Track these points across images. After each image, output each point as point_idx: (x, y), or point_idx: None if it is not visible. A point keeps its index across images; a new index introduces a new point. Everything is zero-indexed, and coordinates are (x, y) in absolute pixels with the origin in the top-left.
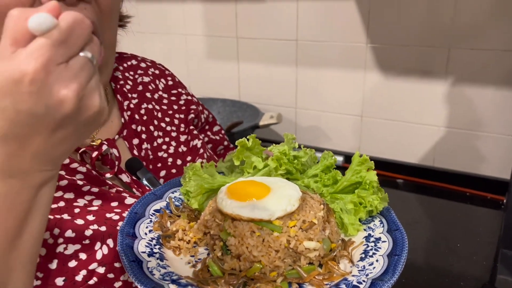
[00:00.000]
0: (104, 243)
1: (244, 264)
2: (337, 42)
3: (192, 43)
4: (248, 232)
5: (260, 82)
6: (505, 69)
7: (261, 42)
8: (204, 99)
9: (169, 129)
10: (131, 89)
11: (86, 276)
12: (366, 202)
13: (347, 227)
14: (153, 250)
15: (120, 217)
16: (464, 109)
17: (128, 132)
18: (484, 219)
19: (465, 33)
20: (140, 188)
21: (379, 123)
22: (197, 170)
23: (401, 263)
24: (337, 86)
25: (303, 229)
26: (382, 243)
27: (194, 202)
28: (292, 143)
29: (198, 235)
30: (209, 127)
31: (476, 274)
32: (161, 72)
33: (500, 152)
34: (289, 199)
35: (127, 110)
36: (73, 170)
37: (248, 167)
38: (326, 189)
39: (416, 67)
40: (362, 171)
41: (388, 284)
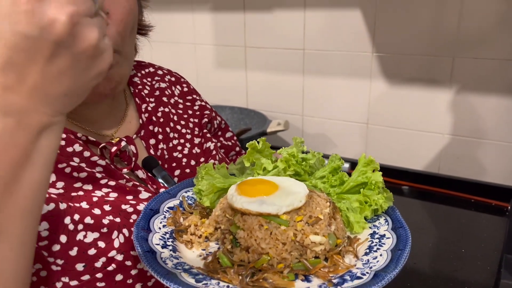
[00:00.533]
0: (120, 232)
1: (253, 256)
2: (343, 52)
3: (201, 52)
4: (257, 225)
5: (267, 90)
6: (508, 78)
7: (268, 51)
8: (212, 106)
9: (184, 131)
10: (148, 93)
11: (105, 263)
12: (372, 201)
13: (353, 225)
14: (166, 242)
15: (134, 210)
16: (469, 117)
17: (146, 133)
18: (488, 225)
19: (469, 42)
20: (155, 184)
21: (385, 131)
22: (210, 170)
23: (404, 256)
24: (343, 94)
25: (309, 224)
26: (386, 239)
27: (206, 200)
28: (301, 146)
29: (210, 230)
30: (221, 133)
31: (480, 279)
32: (177, 79)
33: (504, 159)
34: (296, 195)
35: (145, 112)
36: (93, 162)
37: (258, 168)
38: (333, 190)
39: (421, 75)
40: (368, 172)
41: (390, 275)
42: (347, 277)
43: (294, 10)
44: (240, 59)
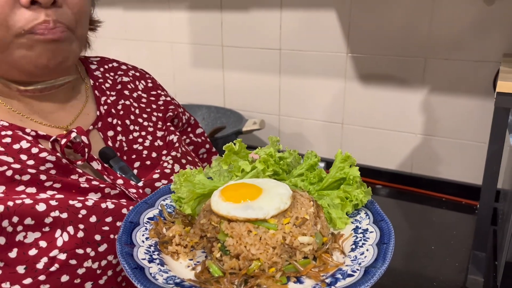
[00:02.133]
0: (64, 231)
1: (243, 263)
2: (319, 52)
3: (178, 50)
4: (245, 231)
5: (244, 89)
6: (479, 79)
7: (245, 50)
8: (189, 105)
9: (146, 124)
10: (110, 87)
11: (47, 264)
12: (352, 196)
13: (336, 221)
14: (152, 256)
15: (83, 205)
16: (440, 117)
17: (103, 125)
18: (458, 223)
19: (440, 44)
20: (111, 175)
21: (359, 131)
22: (188, 176)
23: (390, 251)
24: (318, 94)
25: (297, 225)
26: (370, 234)
27: (187, 207)
28: (277, 145)
29: (195, 239)
30: (191, 129)
31: (449, 275)
32: (142, 75)
33: (474, 159)
34: (281, 197)
35: (104, 104)
36: (42, 159)
37: (236, 170)
38: (312, 187)
39: (394, 76)
40: (345, 168)
41: (380, 271)
42: (339, 276)
43: (270, 10)
44: (217, 58)
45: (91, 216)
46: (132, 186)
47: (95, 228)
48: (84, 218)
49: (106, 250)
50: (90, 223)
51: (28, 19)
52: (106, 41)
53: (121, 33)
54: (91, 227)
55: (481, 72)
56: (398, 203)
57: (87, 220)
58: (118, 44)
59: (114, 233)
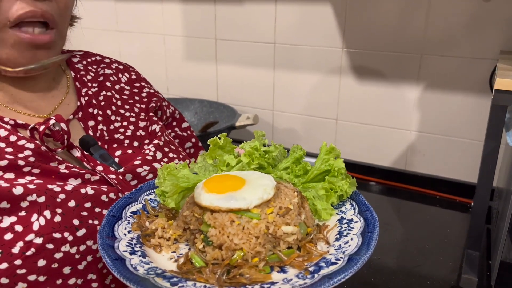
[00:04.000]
0: (41, 215)
1: (226, 253)
2: (314, 46)
3: (170, 43)
4: (228, 221)
5: (238, 84)
6: (474, 76)
7: (239, 44)
8: (181, 99)
9: (128, 115)
10: (91, 79)
11: (23, 248)
12: (337, 187)
13: (320, 213)
14: (134, 248)
15: (62, 190)
16: (435, 114)
17: (84, 114)
18: (452, 221)
19: (436, 40)
20: (91, 162)
21: (353, 127)
22: (172, 170)
23: (374, 238)
24: (313, 89)
25: (280, 215)
26: (355, 224)
27: (170, 201)
28: (262, 139)
29: (178, 232)
30: (176, 123)
31: (443, 274)
32: (125, 68)
33: (468, 156)
34: (265, 188)
35: (85, 96)
36: (21, 147)
37: (221, 165)
38: (297, 180)
39: (389, 72)
40: (330, 160)
41: (364, 258)
42: (323, 264)
43: (265, 3)
44: (210, 51)
45: (69, 200)
46: (112, 172)
47: (73, 213)
48: (62, 202)
49: (84, 235)
50: (68, 208)
51: (14, 8)
52: (97, 33)
53: (112, 25)
54: (69, 211)
55: (477, 69)
56: (391, 200)
57: (65, 205)
58: (109, 36)
59: (92, 219)
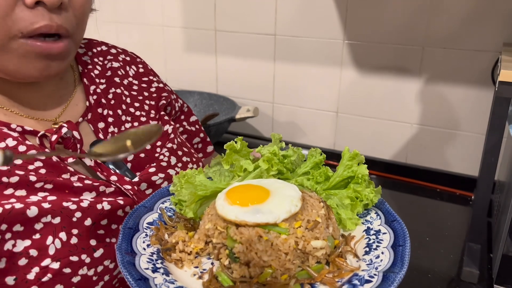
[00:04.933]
0: (56, 237)
1: (254, 270)
2: (315, 38)
3: (169, 34)
4: (256, 237)
5: (237, 76)
6: (476, 69)
7: (239, 35)
8: (181, 91)
9: (138, 114)
10: (99, 74)
11: (39, 274)
12: (363, 196)
13: (345, 222)
14: (156, 265)
15: (78, 207)
16: (437, 107)
17: (93, 116)
18: (452, 214)
19: (439, 32)
20: (105, 171)
21: (354, 120)
22: (189, 178)
23: (407, 253)
24: (314, 82)
25: (309, 229)
26: (383, 235)
27: (188, 211)
28: (279, 143)
29: (200, 245)
30: (184, 117)
31: (444, 267)
32: (132, 59)
33: (470, 149)
34: (291, 199)
35: (93, 94)
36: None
37: (238, 170)
38: (319, 186)
39: (391, 64)
40: (354, 166)
41: (400, 276)
42: (356, 282)
43: None
44: (210, 43)
45: (85, 219)
46: (126, 182)
47: (89, 232)
48: (78, 221)
49: (102, 256)
50: (84, 227)
51: (29, 21)
52: (94, 24)
53: (110, 15)
54: (85, 231)
55: (479, 61)
56: (392, 193)
57: (81, 224)
58: (107, 26)
59: (110, 237)
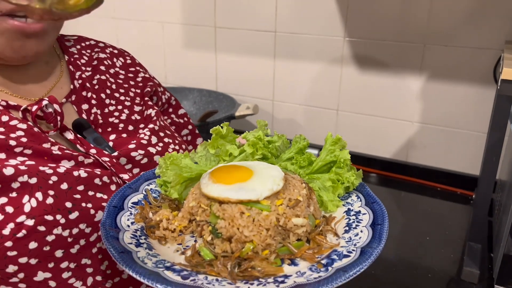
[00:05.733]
0: (32, 196)
1: (236, 245)
2: (315, 35)
3: (169, 31)
4: (238, 213)
5: (237, 73)
6: (478, 67)
7: (239, 32)
8: (180, 88)
9: (122, 98)
10: (85, 63)
11: (14, 229)
12: (344, 179)
13: (327, 204)
14: (139, 240)
15: (54, 172)
16: (438, 105)
17: (77, 98)
18: (453, 213)
19: (440, 29)
20: (85, 145)
21: (355, 117)
22: (175, 160)
23: (385, 231)
24: (314, 79)
25: (290, 207)
26: (363, 215)
27: (173, 192)
28: (265, 129)
29: (183, 223)
30: (173, 109)
31: (444, 266)
32: (120, 52)
33: (471, 148)
34: (274, 179)
35: (79, 79)
36: (13, 127)
37: (223, 155)
38: (302, 170)
39: (392, 62)
40: (336, 150)
41: (377, 251)
42: (335, 257)
43: None
44: (210, 39)
45: (62, 183)
46: (105, 155)
47: (65, 195)
48: (54, 184)
49: (77, 218)
50: (60, 190)
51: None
52: (93, 20)
53: (109, 12)
54: (61, 194)
55: (480, 59)
56: (392, 192)
57: (57, 187)
58: (106, 23)
59: (86, 202)
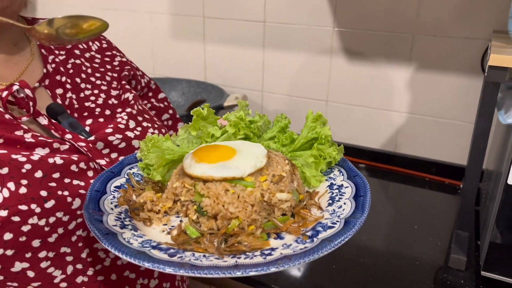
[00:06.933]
0: (4, 187)
1: (222, 222)
2: (304, 25)
3: (157, 21)
4: (222, 191)
5: (226, 63)
6: (466, 57)
7: (228, 22)
8: (168, 79)
9: (99, 83)
10: (59, 47)
11: None
12: (326, 154)
13: (310, 180)
14: (124, 222)
15: (27, 160)
16: (426, 95)
17: (51, 82)
18: (441, 203)
19: (429, 20)
20: (59, 130)
21: (344, 108)
22: (156, 142)
23: (367, 202)
24: (303, 70)
25: (274, 182)
26: (346, 189)
27: (156, 174)
28: (246, 109)
29: (168, 204)
30: (152, 94)
31: (432, 254)
32: None
33: (459, 138)
34: (257, 156)
35: (52, 63)
36: None
37: (205, 136)
38: (285, 148)
39: (381, 52)
40: (317, 127)
41: (360, 221)
42: (320, 228)
43: None
44: (198, 30)
45: (36, 171)
46: (81, 140)
47: (40, 184)
48: (27, 173)
49: (54, 207)
50: (34, 178)
51: None
52: (80, 11)
53: (96, 2)
54: (35, 182)
55: (469, 49)
56: (380, 182)
57: (31, 175)
58: (93, 13)
59: (62, 190)
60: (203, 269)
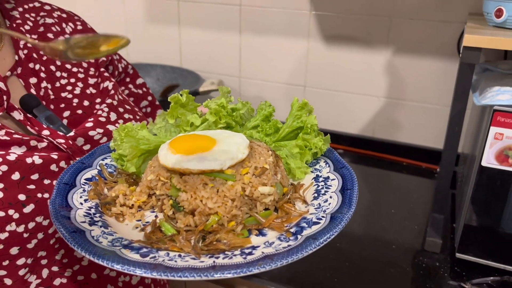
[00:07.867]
0: None
1: (200, 218)
2: (281, 9)
3: (130, 4)
4: (200, 184)
5: (202, 48)
6: (443, 41)
7: (203, 6)
8: (142, 64)
9: (75, 70)
10: (30, 30)
11: None
12: (311, 145)
13: (295, 172)
14: (93, 219)
15: (3, 160)
16: (404, 80)
17: (24, 70)
18: (418, 187)
19: (406, 2)
20: (36, 126)
21: (322, 94)
22: (130, 131)
23: (355, 195)
24: (280, 54)
25: (256, 175)
26: (332, 181)
27: (130, 166)
28: (228, 96)
29: (142, 198)
30: (130, 79)
31: (408, 238)
32: (69, 16)
33: (436, 122)
34: (238, 147)
35: (24, 49)
36: None
37: (184, 125)
38: (269, 138)
39: (358, 36)
40: (303, 116)
41: (347, 216)
42: (304, 224)
43: None
44: (173, 13)
45: (13, 173)
46: (60, 136)
47: (18, 187)
48: (4, 175)
49: (33, 211)
50: (11, 181)
51: None
52: None
53: None
54: (13, 185)
55: (445, 33)
56: (358, 167)
57: (8, 178)
58: None
59: (42, 192)
60: (177, 271)
